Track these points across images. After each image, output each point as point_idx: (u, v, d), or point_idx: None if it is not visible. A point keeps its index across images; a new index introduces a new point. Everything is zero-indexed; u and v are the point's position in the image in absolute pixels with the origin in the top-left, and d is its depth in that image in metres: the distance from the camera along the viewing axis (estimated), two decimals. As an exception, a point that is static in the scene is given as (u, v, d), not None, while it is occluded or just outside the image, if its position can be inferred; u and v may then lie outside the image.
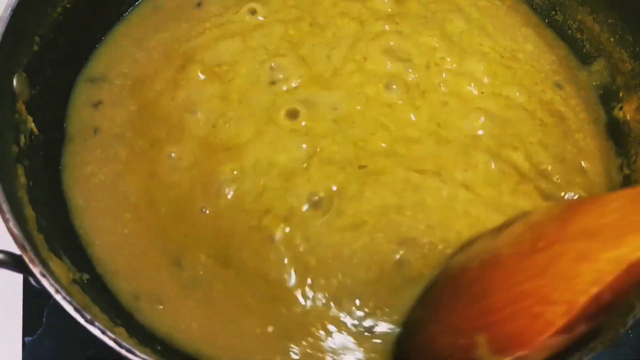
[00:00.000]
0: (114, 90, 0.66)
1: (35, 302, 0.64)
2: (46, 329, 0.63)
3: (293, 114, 0.63)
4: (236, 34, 0.69)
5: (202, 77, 0.65)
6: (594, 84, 0.70)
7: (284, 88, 0.65)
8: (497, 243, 0.52)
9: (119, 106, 0.64)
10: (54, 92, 0.64)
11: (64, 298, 0.44)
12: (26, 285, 0.65)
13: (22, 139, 0.58)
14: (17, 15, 0.56)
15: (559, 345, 0.42)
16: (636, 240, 0.39)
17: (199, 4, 0.72)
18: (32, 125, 0.59)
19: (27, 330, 0.63)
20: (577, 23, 0.73)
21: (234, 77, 0.66)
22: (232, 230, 0.58)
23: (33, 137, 0.59)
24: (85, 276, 0.54)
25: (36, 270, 0.45)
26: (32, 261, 0.45)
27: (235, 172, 0.60)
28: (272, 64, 0.66)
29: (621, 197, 0.44)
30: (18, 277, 0.66)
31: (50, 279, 0.45)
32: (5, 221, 0.47)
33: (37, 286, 0.51)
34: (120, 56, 0.68)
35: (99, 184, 0.60)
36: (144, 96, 0.65)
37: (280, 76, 0.66)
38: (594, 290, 0.39)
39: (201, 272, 0.56)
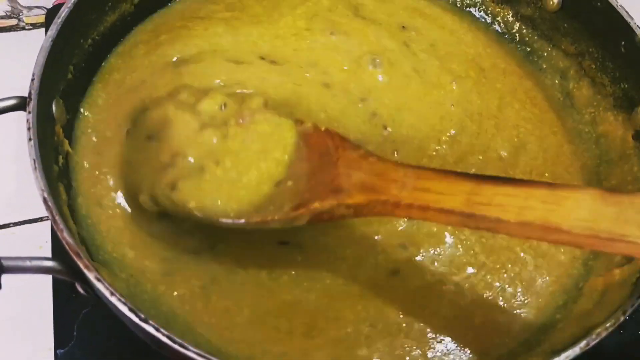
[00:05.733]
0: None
1: (65, 315, 0.67)
2: (77, 341, 0.66)
3: None
4: None
5: None
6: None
7: None
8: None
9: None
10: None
11: (119, 300, 0.48)
12: (56, 299, 0.68)
13: (60, 160, 0.62)
14: (56, 44, 0.61)
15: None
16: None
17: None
18: (68, 147, 0.64)
19: (58, 343, 0.66)
20: (562, 52, 0.80)
21: None
22: None
23: (69, 157, 0.64)
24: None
25: (91, 275, 0.49)
26: (87, 267, 0.49)
27: None
28: None
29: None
30: (48, 291, 0.69)
31: (105, 283, 0.48)
32: (60, 231, 0.50)
33: (85, 293, 0.55)
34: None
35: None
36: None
37: None
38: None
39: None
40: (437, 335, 0.60)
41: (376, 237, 0.63)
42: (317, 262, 0.61)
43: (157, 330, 0.47)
